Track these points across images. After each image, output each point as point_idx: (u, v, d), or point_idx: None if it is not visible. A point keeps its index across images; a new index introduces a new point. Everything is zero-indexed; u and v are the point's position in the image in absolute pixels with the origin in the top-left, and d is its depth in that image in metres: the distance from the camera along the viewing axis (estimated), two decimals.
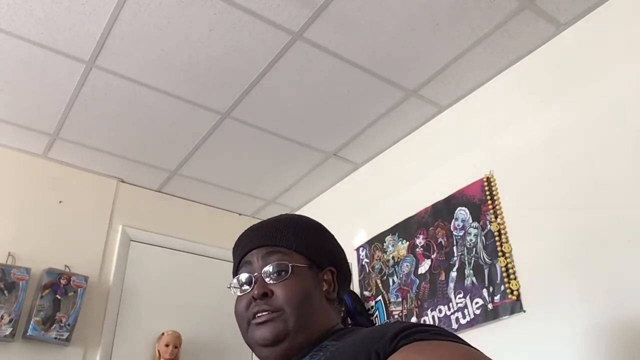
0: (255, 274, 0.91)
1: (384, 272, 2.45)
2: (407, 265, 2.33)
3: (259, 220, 1.03)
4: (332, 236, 1.02)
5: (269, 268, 0.90)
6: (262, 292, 0.88)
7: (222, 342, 2.77)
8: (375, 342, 0.68)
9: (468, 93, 2.29)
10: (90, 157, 2.65)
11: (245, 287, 0.91)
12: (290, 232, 0.95)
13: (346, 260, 1.03)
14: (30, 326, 2.25)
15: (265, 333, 0.85)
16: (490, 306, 1.91)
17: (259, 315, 0.87)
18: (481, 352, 0.66)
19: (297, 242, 0.94)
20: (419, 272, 2.26)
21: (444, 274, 2.14)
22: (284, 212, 3.20)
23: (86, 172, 2.76)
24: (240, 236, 1.00)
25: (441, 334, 0.68)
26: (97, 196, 2.75)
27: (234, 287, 0.93)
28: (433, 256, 2.22)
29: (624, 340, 1.53)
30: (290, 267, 0.89)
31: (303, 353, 0.84)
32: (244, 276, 0.92)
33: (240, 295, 0.92)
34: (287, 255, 0.91)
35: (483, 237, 2.02)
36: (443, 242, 2.19)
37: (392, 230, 2.46)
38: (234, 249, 1.00)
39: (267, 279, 0.90)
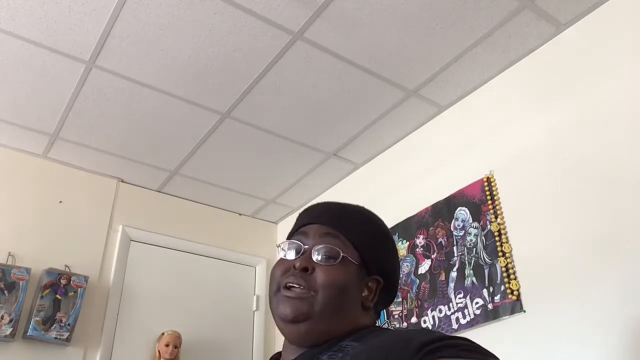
0: (306, 246, 0.89)
1: None
2: (407, 265, 2.33)
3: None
4: (395, 248, 0.98)
5: (321, 247, 0.87)
6: (304, 265, 0.85)
7: (222, 342, 2.77)
8: (398, 352, 0.64)
9: (468, 93, 2.29)
10: (90, 157, 2.65)
11: (291, 253, 0.89)
12: (356, 225, 0.92)
13: (397, 276, 0.98)
14: (31, 326, 2.25)
15: (286, 309, 0.83)
16: (490, 306, 1.91)
17: (290, 286, 0.85)
18: None
19: (357, 237, 0.90)
20: (419, 272, 2.26)
21: (444, 274, 2.14)
22: (283, 212, 3.24)
23: (86, 172, 2.76)
24: (310, 206, 0.98)
25: (470, 350, 0.63)
26: (97, 196, 2.75)
27: (282, 249, 0.91)
28: (433, 256, 2.22)
29: (624, 340, 1.53)
30: (341, 256, 0.86)
31: (320, 349, 0.80)
32: (294, 244, 0.90)
33: (283, 259, 0.90)
34: (343, 244, 0.88)
35: (483, 237, 2.02)
36: (443, 242, 2.19)
37: (392, 230, 2.46)
38: (299, 214, 0.98)
39: (314, 257, 0.87)
